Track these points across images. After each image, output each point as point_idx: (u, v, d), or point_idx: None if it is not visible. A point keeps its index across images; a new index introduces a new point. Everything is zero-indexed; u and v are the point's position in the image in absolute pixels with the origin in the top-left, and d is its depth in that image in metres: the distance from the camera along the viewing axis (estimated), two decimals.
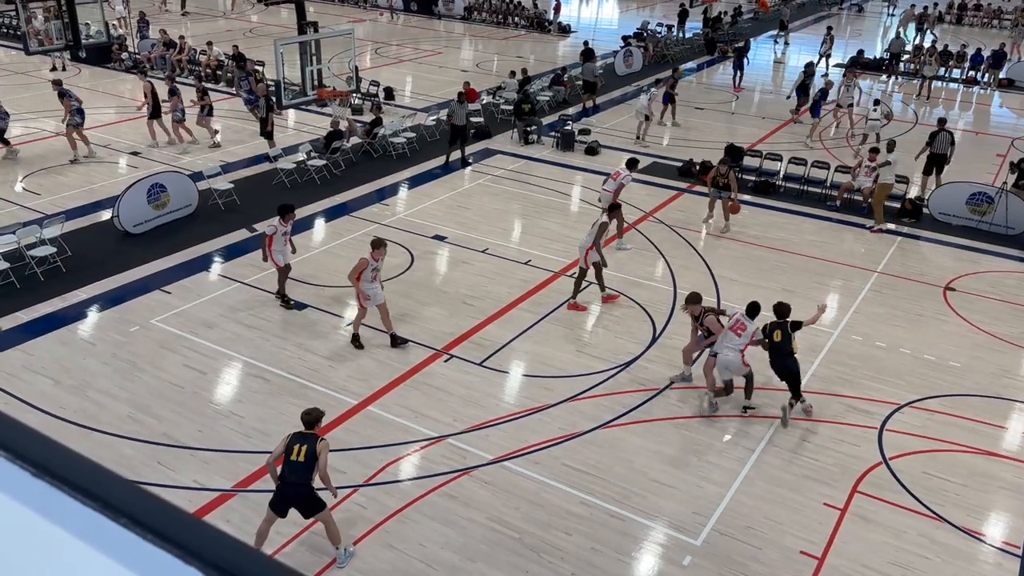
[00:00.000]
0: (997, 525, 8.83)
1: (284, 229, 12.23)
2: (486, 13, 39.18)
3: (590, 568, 7.96)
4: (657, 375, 11.17)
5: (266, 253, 12.23)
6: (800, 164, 18.36)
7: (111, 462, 8.84)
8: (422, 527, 8.37)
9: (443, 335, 11.94)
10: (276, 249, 12.19)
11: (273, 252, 12.19)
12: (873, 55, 32.86)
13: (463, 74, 27.36)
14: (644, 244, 15.37)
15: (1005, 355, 12.14)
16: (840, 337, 12.37)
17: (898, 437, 10.13)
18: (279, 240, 12.20)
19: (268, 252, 12.21)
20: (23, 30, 23.04)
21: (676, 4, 39.22)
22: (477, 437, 9.79)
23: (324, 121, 20.78)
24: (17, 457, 0.85)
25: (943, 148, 17.72)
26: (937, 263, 15.21)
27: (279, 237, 12.19)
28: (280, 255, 12.26)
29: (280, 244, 12.24)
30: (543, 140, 21.07)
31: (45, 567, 0.79)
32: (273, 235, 12.14)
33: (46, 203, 16.12)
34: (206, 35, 30.82)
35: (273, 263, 12.34)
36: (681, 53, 32.67)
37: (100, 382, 10.59)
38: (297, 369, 11.03)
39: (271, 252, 12.18)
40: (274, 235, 12.14)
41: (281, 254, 12.27)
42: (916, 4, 38.83)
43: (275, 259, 12.25)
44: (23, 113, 21.28)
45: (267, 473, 8.06)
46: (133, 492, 0.83)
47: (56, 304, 12.43)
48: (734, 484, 9.20)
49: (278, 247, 12.21)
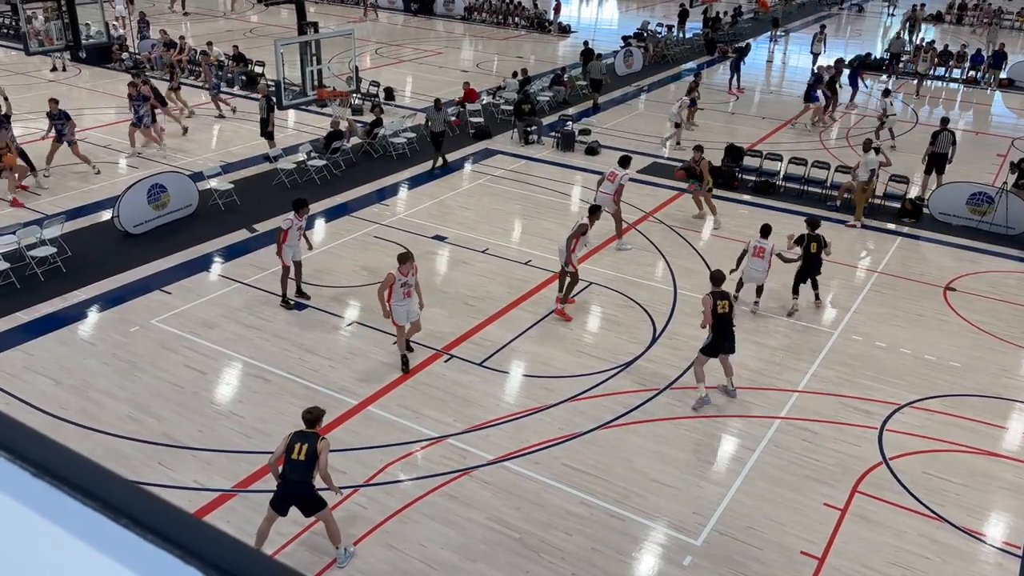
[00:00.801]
0: (997, 525, 8.83)
1: (299, 224, 12.12)
2: (486, 13, 39.19)
3: (590, 568, 7.96)
4: (657, 375, 11.16)
5: (281, 249, 12.08)
6: (800, 164, 18.35)
7: (111, 462, 8.84)
8: (422, 527, 8.37)
9: (443, 335, 11.94)
10: (289, 244, 12.05)
11: (284, 248, 12.04)
12: (874, 55, 32.84)
13: (463, 74, 27.36)
14: (644, 244, 15.37)
15: (1005, 355, 12.14)
16: (840, 337, 12.36)
17: (898, 437, 10.13)
18: (293, 235, 12.07)
19: (280, 247, 12.08)
20: (23, 30, 23.06)
21: (676, 4, 39.22)
22: (477, 437, 9.79)
23: (324, 121, 20.79)
24: (17, 457, 0.85)
25: (945, 148, 17.73)
26: (937, 263, 15.21)
27: (293, 232, 12.06)
28: (290, 250, 12.12)
29: (294, 239, 12.12)
30: (543, 140, 21.08)
31: (45, 567, 0.79)
32: (288, 229, 11.99)
33: (46, 203, 16.13)
34: (206, 35, 30.83)
35: (281, 260, 12.20)
36: (681, 53, 32.69)
37: (100, 382, 10.59)
38: (297, 369, 11.03)
39: (282, 248, 12.05)
40: (289, 229, 12.00)
41: (292, 249, 12.15)
42: (917, 5, 38.87)
43: (284, 256, 12.12)
44: (23, 113, 21.27)
45: (267, 473, 8.10)
46: (133, 492, 0.83)
47: (56, 304, 12.43)
48: (734, 484, 9.20)
49: (291, 242, 12.08)
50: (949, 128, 17.89)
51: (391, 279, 10.43)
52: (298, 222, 12.10)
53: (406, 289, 10.49)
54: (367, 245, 14.90)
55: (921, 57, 28.08)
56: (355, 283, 13.43)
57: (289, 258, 12.19)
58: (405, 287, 10.46)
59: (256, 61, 25.42)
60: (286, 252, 12.10)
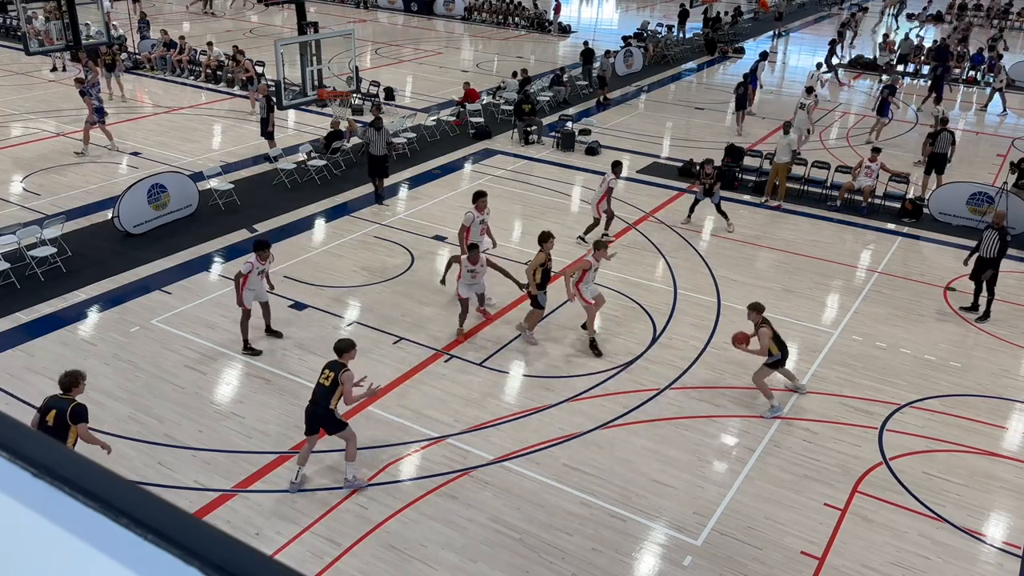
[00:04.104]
0: (997, 525, 8.83)
1: (260, 267, 11.06)
2: (486, 13, 39.19)
3: (591, 568, 7.96)
4: (657, 375, 11.17)
5: (241, 296, 11.04)
6: (800, 164, 18.35)
7: (111, 462, 8.84)
8: (422, 527, 8.37)
9: (443, 335, 11.94)
10: (250, 287, 11.06)
11: (244, 292, 11.04)
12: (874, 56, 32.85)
13: (463, 74, 27.37)
14: (644, 244, 15.37)
15: (1005, 355, 12.14)
16: (840, 337, 12.37)
17: (898, 437, 10.13)
18: (254, 279, 11.07)
19: (241, 293, 11.03)
20: (23, 30, 23.05)
21: (676, 4, 39.21)
22: (477, 437, 9.79)
23: (324, 121, 20.80)
24: (17, 457, 0.85)
25: (944, 148, 17.74)
26: (937, 263, 15.20)
27: (254, 276, 11.05)
28: (251, 294, 11.12)
29: (255, 283, 11.13)
30: (543, 140, 21.08)
31: (45, 567, 0.79)
32: (248, 273, 10.97)
33: (46, 203, 16.13)
34: (206, 35, 30.83)
35: (242, 306, 11.13)
36: (681, 53, 32.70)
37: (101, 382, 10.58)
38: (297, 369, 11.03)
39: (242, 292, 11.03)
40: (249, 273, 10.97)
41: (254, 292, 11.16)
42: (927, 6, 38.87)
43: (244, 300, 11.07)
44: (23, 113, 21.29)
45: (268, 473, 8.28)
46: (133, 492, 0.83)
47: (56, 304, 12.43)
48: (734, 484, 9.20)
49: (252, 285, 11.08)
50: (948, 128, 17.91)
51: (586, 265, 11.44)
52: (259, 265, 11.03)
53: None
54: (367, 245, 14.90)
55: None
56: (355, 283, 13.43)
57: (250, 301, 11.15)
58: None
59: (256, 61, 25.42)
60: (247, 296, 11.06)
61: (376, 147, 16.30)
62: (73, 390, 8.00)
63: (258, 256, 11.04)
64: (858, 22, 37.28)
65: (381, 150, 16.35)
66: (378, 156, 16.39)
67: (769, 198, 17.52)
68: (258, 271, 11.09)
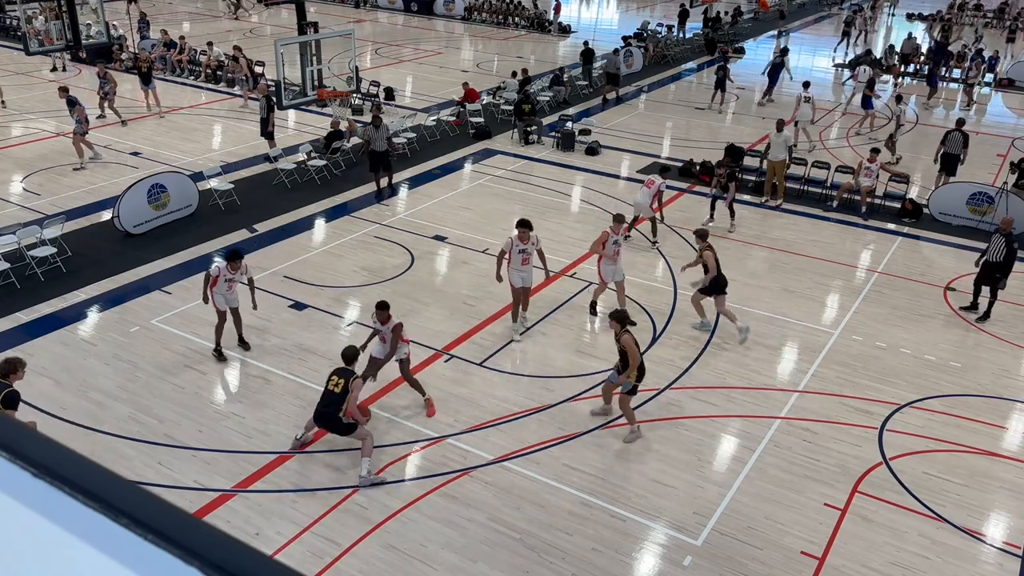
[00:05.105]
0: (998, 525, 8.83)
1: (229, 275, 10.86)
2: (486, 13, 39.19)
3: (591, 568, 7.96)
4: (657, 375, 11.15)
5: (206, 294, 10.89)
6: (800, 164, 18.34)
7: (111, 462, 8.85)
8: (423, 527, 8.38)
9: (443, 335, 11.94)
10: (218, 291, 10.89)
11: (214, 293, 10.88)
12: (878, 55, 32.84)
13: (463, 74, 27.36)
14: (644, 244, 15.37)
15: (1005, 355, 12.14)
16: (840, 337, 12.36)
17: (898, 437, 10.13)
18: (222, 284, 10.88)
19: (208, 292, 10.87)
20: (23, 30, 23.06)
21: (676, 4, 39.20)
22: (477, 437, 9.79)
23: (324, 121, 20.79)
24: (17, 457, 0.85)
25: (955, 148, 17.75)
26: (937, 263, 15.20)
27: (222, 282, 10.86)
28: (220, 297, 10.93)
29: (223, 288, 10.91)
30: (543, 140, 21.07)
31: (45, 567, 0.79)
32: (217, 277, 10.81)
33: (46, 203, 16.13)
34: (206, 35, 30.83)
35: (206, 302, 10.98)
36: (681, 53, 32.70)
37: (101, 382, 10.59)
38: (297, 369, 11.03)
39: (212, 292, 10.87)
40: (218, 277, 10.81)
41: (223, 296, 10.95)
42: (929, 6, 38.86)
43: (215, 302, 10.93)
44: (24, 113, 21.29)
45: (268, 473, 8.23)
46: (133, 492, 0.83)
47: (56, 304, 12.43)
48: (734, 484, 9.20)
49: (220, 289, 10.90)
50: (962, 129, 17.87)
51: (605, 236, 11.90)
52: (228, 273, 10.84)
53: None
54: (367, 245, 14.90)
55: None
56: (355, 283, 13.43)
57: (222, 304, 10.98)
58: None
59: (256, 61, 25.42)
60: (216, 298, 10.89)
61: (377, 143, 16.68)
62: (11, 376, 8.38)
63: (229, 265, 10.87)
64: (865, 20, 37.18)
65: (382, 146, 16.75)
66: (380, 152, 16.78)
67: (769, 198, 17.53)
68: (226, 278, 10.88)
